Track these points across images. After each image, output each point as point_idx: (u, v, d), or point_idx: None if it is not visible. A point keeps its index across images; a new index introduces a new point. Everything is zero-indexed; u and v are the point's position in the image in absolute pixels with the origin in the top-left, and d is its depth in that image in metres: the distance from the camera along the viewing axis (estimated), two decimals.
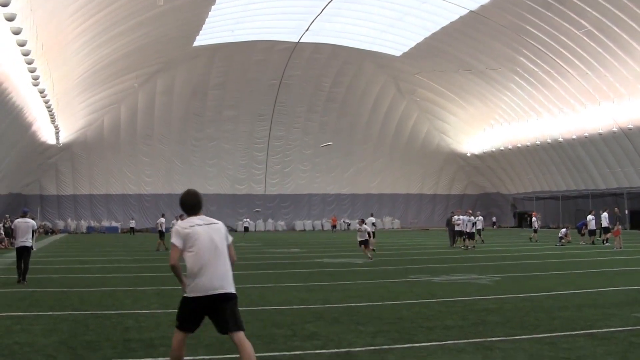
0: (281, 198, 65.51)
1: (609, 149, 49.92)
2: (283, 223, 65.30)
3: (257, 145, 63.80)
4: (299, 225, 65.38)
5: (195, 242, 5.75)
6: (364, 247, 22.38)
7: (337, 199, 67.03)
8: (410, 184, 68.97)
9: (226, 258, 5.87)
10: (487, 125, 61.98)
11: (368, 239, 22.88)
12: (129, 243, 37.90)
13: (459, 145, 67.02)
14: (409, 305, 10.92)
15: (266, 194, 64.74)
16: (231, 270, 5.90)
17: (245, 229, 52.60)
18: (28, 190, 58.70)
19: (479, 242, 30.95)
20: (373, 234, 29.03)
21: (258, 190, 64.68)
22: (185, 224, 5.89)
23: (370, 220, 29.82)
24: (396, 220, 67.66)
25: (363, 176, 67.11)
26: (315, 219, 66.35)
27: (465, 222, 28.26)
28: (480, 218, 32.59)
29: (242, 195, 64.21)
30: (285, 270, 18.50)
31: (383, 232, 47.62)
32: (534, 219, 37.57)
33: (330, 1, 45.06)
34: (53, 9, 27.71)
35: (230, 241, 5.99)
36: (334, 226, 61.54)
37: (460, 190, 70.47)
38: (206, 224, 5.89)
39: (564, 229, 32.18)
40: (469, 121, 62.92)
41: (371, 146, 66.52)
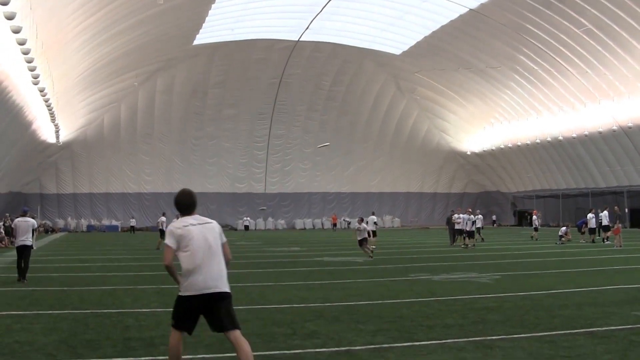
0: (281, 197, 65.52)
1: (608, 147, 49.92)
2: (283, 222, 65.34)
3: (257, 144, 63.79)
4: (299, 223, 65.44)
5: (189, 242, 5.76)
6: (363, 245, 22.37)
7: (337, 198, 67.04)
8: (411, 183, 68.99)
9: (220, 257, 5.88)
10: (487, 124, 61.97)
11: (367, 238, 22.88)
12: (129, 242, 37.89)
13: (459, 143, 67.01)
14: (409, 303, 10.91)
15: (266, 192, 64.72)
16: (226, 270, 5.91)
17: (245, 227, 52.60)
18: (28, 189, 58.74)
19: (479, 241, 30.94)
20: (374, 233, 29.07)
21: (258, 188, 64.67)
22: (179, 223, 5.91)
23: (372, 219, 29.82)
24: (396, 218, 67.65)
25: (363, 175, 67.10)
26: (316, 217, 66.38)
27: (466, 221, 28.27)
28: (480, 217, 32.52)
29: (242, 194, 64.22)
30: (285, 268, 18.50)
31: (383, 231, 47.58)
32: (535, 217, 37.57)
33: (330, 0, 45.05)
34: (53, 7, 27.70)
35: (224, 240, 6.00)
36: (335, 225, 61.57)
37: (460, 189, 70.48)
38: (200, 223, 5.91)
39: (564, 228, 32.13)
40: (469, 120, 62.91)
41: (371, 145, 66.52)
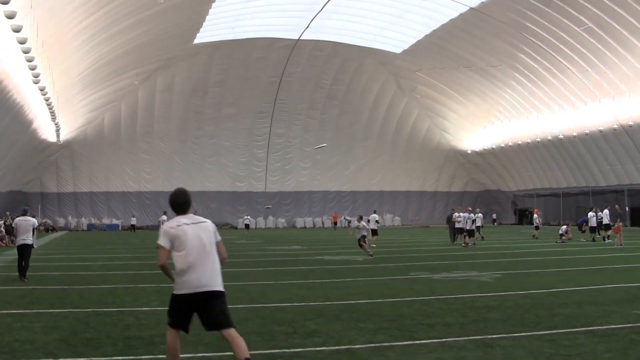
0: (282, 195, 65.52)
1: (609, 145, 49.90)
2: (284, 220, 65.35)
3: (258, 143, 63.77)
4: (299, 222, 65.47)
5: (183, 242, 5.77)
6: (363, 243, 22.32)
7: (338, 196, 67.05)
8: (411, 181, 68.98)
9: (214, 256, 5.88)
10: (488, 123, 61.94)
11: (365, 235, 22.82)
12: (129, 240, 37.90)
13: (460, 142, 67.00)
14: (410, 302, 10.92)
15: (267, 191, 64.73)
16: (220, 269, 5.92)
17: (246, 226, 52.58)
18: (29, 188, 58.77)
19: (478, 239, 30.93)
20: (376, 232, 29.05)
21: (258, 187, 64.68)
22: (172, 223, 5.91)
23: (374, 217, 29.76)
24: (397, 217, 67.64)
25: (364, 173, 67.10)
26: (316, 216, 66.38)
27: (466, 219, 28.27)
28: (479, 215, 32.50)
29: (243, 192, 64.22)
30: (285, 267, 18.50)
31: (384, 229, 47.49)
32: (536, 215, 37.56)
33: None
34: (53, 6, 27.69)
35: (219, 239, 6.00)
36: (335, 223, 61.58)
37: (460, 188, 70.48)
38: (194, 222, 5.90)
39: (565, 226, 32.13)
40: (470, 118, 62.89)
41: (372, 143, 66.51)
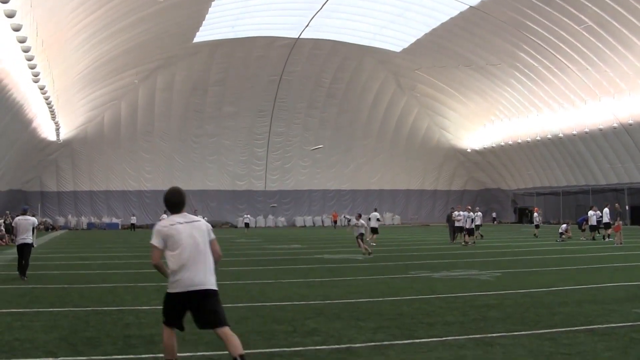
0: (281, 194, 65.53)
1: (609, 144, 49.90)
2: (283, 219, 65.36)
3: (258, 142, 63.79)
4: (299, 221, 65.48)
5: (177, 241, 5.79)
6: (360, 241, 22.24)
7: (338, 195, 67.06)
8: (411, 180, 68.98)
9: (208, 255, 5.90)
10: (488, 121, 61.94)
11: (363, 234, 22.77)
12: (129, 239, 37.90)
13: (459, 141, 66.99)
14: (410, 301, 10.91)
15: (266, 190, 64.75)
16: (214, 267, 5.94)
17: (246, 225, 52.57)
18: (28, 187, 58.77)
19: (478, 238, 30.94)
20: (376, 230, 29.02)
21: (258, 186, 64.69)
22: (166, 222, 5.93)
23: (374, 216, 29.74)
24: (396, 216, 67.65)
25: (363, 172, 67.10)
26: (316, 215, 66.38)
27: (465, 218, 28.28)
28: (479, 214, 32.53)
29: (242, 191, 64.23)
30: (285, 266, 18.50)
31: (383, 228, 47.48)
32: (536, 214, 37.55)
33: None
34: (53, 5, 27.69)
35: (213, 237, 6.02)
36: (335, 222, 61.58)
37: (460, 186, 70.48)
38: (187, 222, 5.92)
39: (565, 225, 32.14)
40: (469, 117, 62.88)
41: (371, 142, 66.50)
